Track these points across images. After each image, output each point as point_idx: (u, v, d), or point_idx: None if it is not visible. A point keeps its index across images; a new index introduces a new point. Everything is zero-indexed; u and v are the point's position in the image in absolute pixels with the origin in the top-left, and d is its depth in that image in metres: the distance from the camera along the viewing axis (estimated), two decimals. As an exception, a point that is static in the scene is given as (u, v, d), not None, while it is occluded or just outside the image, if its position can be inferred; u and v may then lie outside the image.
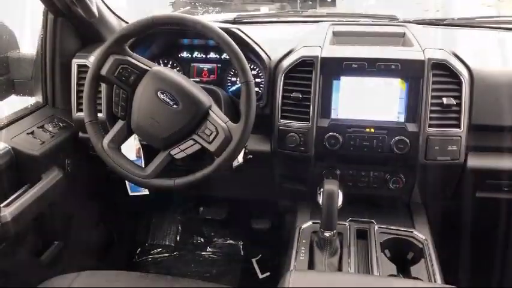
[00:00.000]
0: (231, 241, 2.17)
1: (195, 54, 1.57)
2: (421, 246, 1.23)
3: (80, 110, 1.50)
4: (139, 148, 1.40)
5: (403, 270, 1.19)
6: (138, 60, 1.18)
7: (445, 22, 1.68)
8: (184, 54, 1.57)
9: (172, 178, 1.16)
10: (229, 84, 1.53)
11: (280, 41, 1.52)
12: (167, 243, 2.18)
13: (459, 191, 1.41)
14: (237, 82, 1.52)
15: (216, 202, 2.17)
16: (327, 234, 1.16)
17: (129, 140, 1.25)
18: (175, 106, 1.13)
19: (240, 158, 1.25)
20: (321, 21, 1.69)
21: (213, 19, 1.80)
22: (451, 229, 1.65)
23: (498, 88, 1.31)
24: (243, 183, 1.62)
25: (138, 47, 1.45)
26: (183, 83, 1.16)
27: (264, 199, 1.77)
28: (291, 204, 1.53)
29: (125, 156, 1.21)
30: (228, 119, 1.16)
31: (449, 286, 0.91)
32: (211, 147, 1.14)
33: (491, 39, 1.62)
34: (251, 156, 1.34)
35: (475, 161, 1.32)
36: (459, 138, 1.27)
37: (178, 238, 2.20)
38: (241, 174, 1.31)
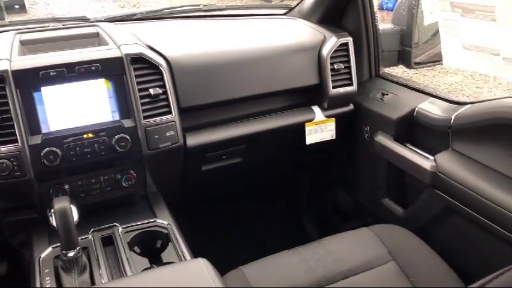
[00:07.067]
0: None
1: None
2: (166, 231, 1.28)
3: None
4: None
5: (156, 260, 1.22)
6: None
7: (135, 17, 1.74)
8: None
9: None
10: None
11: None
12: None
13: (187, 170, 1.53)
14: None
15: None
16: (70, 254, 1.09)
17: None
18: None
19: None
20: (4, 31, 1.52)
21: None
22: (192, 206, 1.79)
23: (195, 72, 1.44)
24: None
25: None
26: None
27: None
28: (25, 236, 1.36)
29: None
30: None
31: (195, 258, 0.99)
32: None
33: (181, 28, 1.77)
34: None
35: (192, 140, 1.44)
36: (174, 123, 1.36)
37: None
38: None
